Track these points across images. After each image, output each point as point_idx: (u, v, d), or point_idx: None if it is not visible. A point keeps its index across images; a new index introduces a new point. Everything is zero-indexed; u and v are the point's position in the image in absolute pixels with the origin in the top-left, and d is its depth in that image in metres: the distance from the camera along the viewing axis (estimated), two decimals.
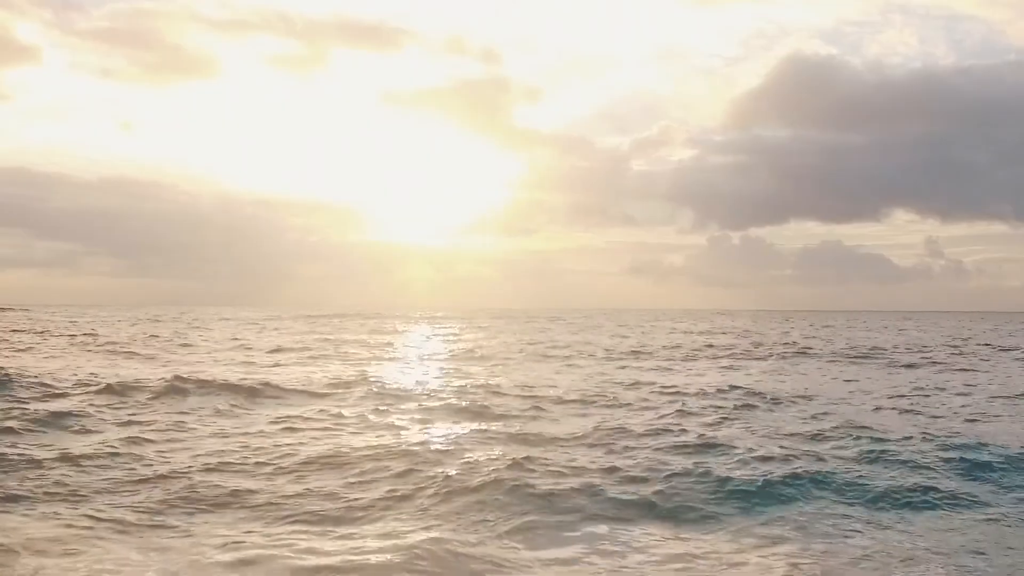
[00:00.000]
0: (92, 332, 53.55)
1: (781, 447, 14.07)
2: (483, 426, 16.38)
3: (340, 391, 21.93)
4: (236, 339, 48.98)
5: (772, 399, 20.99)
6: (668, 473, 11.86)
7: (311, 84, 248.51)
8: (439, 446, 14.01)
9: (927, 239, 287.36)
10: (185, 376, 22.49)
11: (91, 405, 17.89)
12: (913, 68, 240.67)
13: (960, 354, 42.11)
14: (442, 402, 19.73)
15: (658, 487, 11.19)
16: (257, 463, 12.65)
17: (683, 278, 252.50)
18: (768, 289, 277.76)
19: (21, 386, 20.13)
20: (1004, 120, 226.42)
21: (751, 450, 13.65)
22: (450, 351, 42.51)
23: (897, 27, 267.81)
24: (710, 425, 16.80)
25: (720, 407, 19.43)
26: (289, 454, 13.27)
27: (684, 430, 15.86)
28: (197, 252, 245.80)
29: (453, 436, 15.13)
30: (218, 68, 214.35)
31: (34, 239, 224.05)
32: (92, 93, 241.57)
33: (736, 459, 13.02)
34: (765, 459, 12.96)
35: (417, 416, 17.74)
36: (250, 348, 40.79)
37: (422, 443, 14.18)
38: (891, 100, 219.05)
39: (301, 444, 14.18)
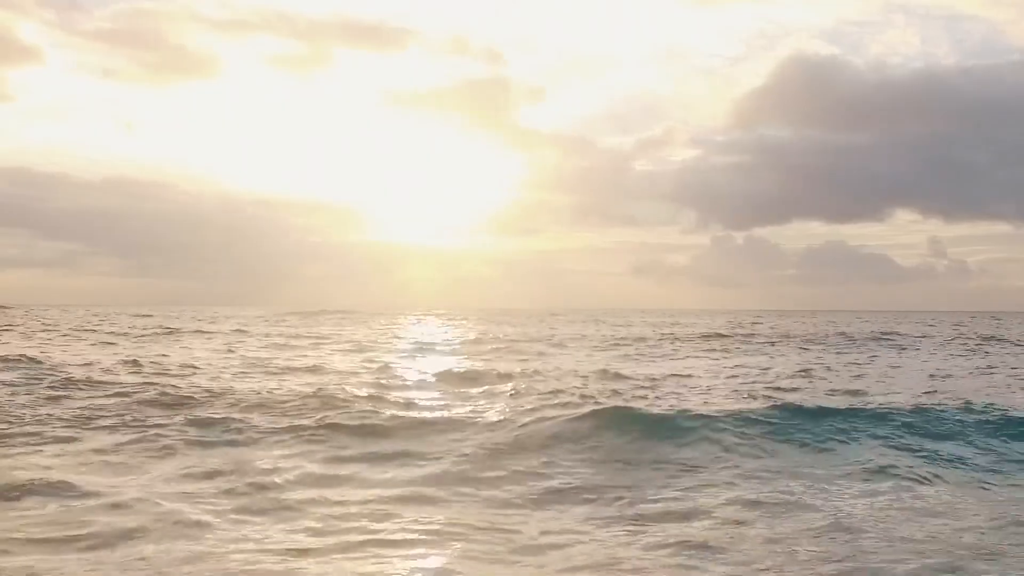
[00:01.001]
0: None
1: None
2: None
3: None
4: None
5: None
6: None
7: (312, 84, 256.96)
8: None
9: (930, 239, 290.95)
10: None
11: None
12: (915, 68, 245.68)
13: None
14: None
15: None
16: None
17: (686, 278, 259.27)
18: (772, 289, 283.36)
19: None
20: (1006, 120, 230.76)
21: None
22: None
23: (898, 27, 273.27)
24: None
25: None
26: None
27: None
28: (198, 252, 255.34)
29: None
30: (219, 68, 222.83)
31: (35, 239, 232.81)
32: (94, 93, 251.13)
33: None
34: None
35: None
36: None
37: None
38: (893, 100, 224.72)
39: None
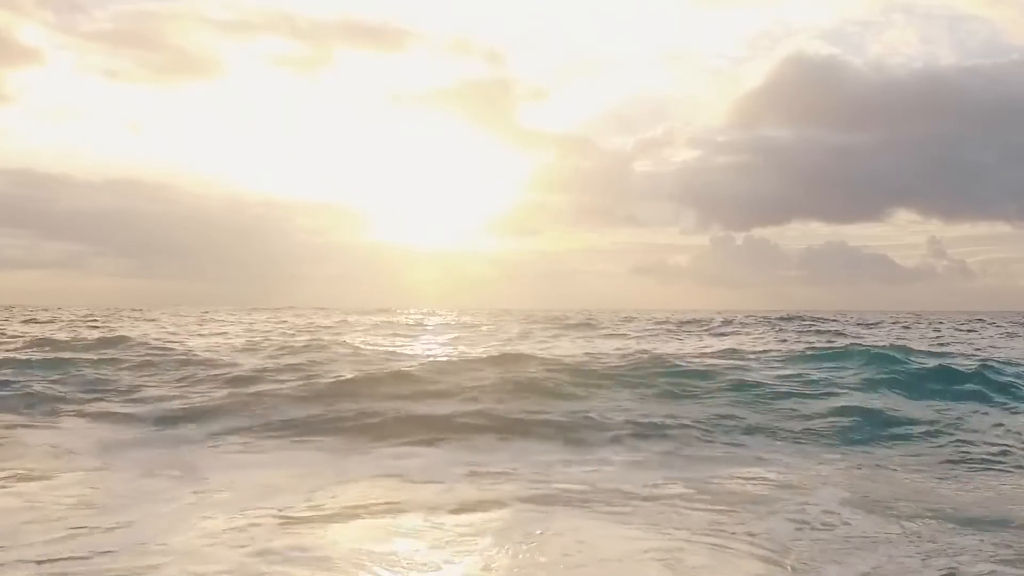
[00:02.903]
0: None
1: None
2: None
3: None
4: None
5: None
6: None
7: (316, 85, 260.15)
8: None
9: (930, 239, 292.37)
10: None
11: None
12: (915, 68, 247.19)
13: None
14: None
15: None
16: None
17: (687, 278, 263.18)
18: (773, 289, 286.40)
19: None
20: (1007, 120, 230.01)
21: None
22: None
23: (899, 27, 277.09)
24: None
25: None
26: None
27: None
28: (203, 253, 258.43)
29: None
30: (223, 69, 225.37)
31: (40, 240, 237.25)
32: (98, 94, 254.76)
33: None
34: None
35: None
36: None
37: None
38: (893, 100, 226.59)
39: None
